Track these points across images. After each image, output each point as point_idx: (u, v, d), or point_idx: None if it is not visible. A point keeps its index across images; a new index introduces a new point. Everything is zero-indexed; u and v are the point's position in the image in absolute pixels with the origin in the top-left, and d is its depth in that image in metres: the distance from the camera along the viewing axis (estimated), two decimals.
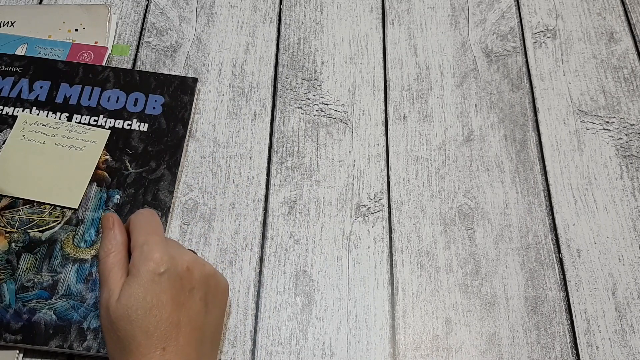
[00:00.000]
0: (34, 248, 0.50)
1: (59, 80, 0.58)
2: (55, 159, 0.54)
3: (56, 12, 0.64)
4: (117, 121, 0.57)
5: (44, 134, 0.55)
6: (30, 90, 0.58)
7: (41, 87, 0.58)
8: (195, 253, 0.47)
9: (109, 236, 0.43)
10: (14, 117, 0.56)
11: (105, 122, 0.57)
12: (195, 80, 0.60)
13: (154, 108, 0.58)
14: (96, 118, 0.57)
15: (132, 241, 0.43)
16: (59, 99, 0.57)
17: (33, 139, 0.55)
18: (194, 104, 0.59)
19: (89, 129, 0.56)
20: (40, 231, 0.51)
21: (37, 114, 0.56)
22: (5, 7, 0.65)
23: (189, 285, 0.41)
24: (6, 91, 0.57)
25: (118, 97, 0.58)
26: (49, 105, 0.57)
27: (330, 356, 0.48)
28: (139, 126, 0.57)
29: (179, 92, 0.59)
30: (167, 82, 0.59)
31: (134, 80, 0.59)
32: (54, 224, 0.51)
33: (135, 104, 0.58)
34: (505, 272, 0.52)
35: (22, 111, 0.56)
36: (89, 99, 0.58)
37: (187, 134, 0.57)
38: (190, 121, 0.58)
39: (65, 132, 0.55)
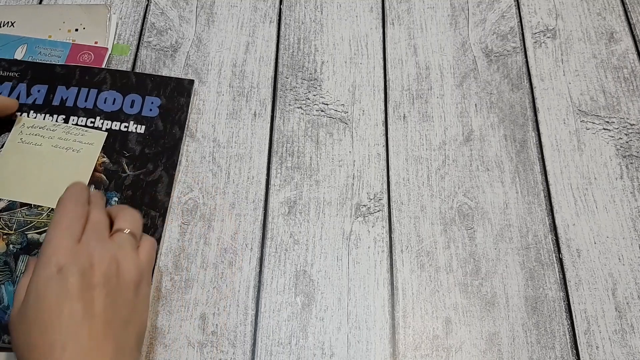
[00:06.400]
0: (32, 250, 0.50)
1: (55, 83, 0.58)
2: (53, 162, 0.54)
3: (56, 12, 0.64)
4: (114, 123, 0.57)
5: (41, 136, 0.55)
6: (28, 94, 0.58)
7: (39, 91, 0.58)
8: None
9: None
10: (13, 122, 0.56)
11: (102, 123, 0.57)
12: (191, 82, 0.60)
13: (150, 110, 0.58)
14: (93, 120, 0.57)
15: None
16: (55, 101, 0.57)
17: (30, 141, 0.55)
18: (190, 105, 0.59)
19: (86, 131, 0.56)
20: (38, 233, 0.51)
21: (35, 117, 0.56)
22: (5, 7, 0.65)
23: (91, 282, 0.40)
24: (4, 96, 0.57)
25: (114, 99, 0.58)
26: (46, 108, 0.57)
27: (330, 356, 0.48)
28: (135, 128, 0.57)
29: (176, 93, 0.59)
30: (164, 84, 0.59)
31: (130, 82, 0.59)
32: None
33: (131, 106, 0.58)
34: (505, 272, 0.52)
35: (20, 115, 0.56)
36: (86, 101, 0.58)
37: (184, 135, 0.57)
38: (186, 123, 0.58)
39: (62, 134, 0.55)
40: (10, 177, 0.53)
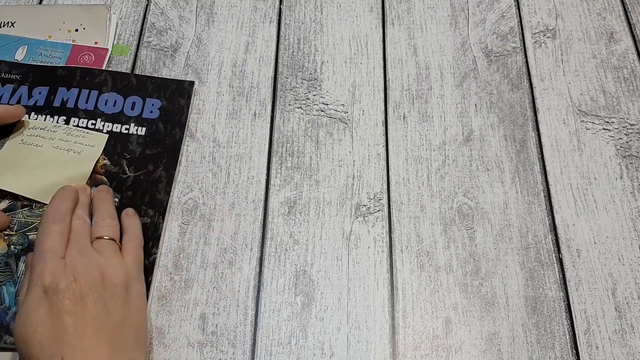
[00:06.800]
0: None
1: (56, 85, 0.58)
2: (54, 163, 0.54)
3: (56, 12, 0.64)
4: (115, 125, 0.57)
5: (42, 137, 0.55)
6: (30, 96, 0.58)
7: (40, 93, 0.58)
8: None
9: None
10: (14, 124, 0.56)
11: (103, 125, 0.57)
12: (191, 83, 0.60)
13: (151, 112, 0.58)
14: (94, 121, 0.57)
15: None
16: (56, 103, 0.57)
17: (32, 142, 0.55)
18: (190, 107, 0.59)
19: (87, 133, 0.56)
20: None
21: (36, 119, 0.56)
22: (5, 7, 0.65)
23: (78, 293, 0.42)
24: (6, 98, 0.57)
25: (115, 101, 0.58)
26: (47, 109, 0.57)
27: (330, 356, 0.48)
28: (136, 130, 0.57)
29: (176, 95, 0.59)
30: (164, 86, 0.59)
31: (131, 83, 0.59)
32: None
33: (132, 108, 0.58)
34: (505, 272, 0.52)
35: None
36: (87, 102, 0.58)
37: (185, 137, 0.57)
38: (187, 124, 0.58)
39: (63, 136, 0.55)
40: (10, 172, 0.53)
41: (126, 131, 0.56)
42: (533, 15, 0.67)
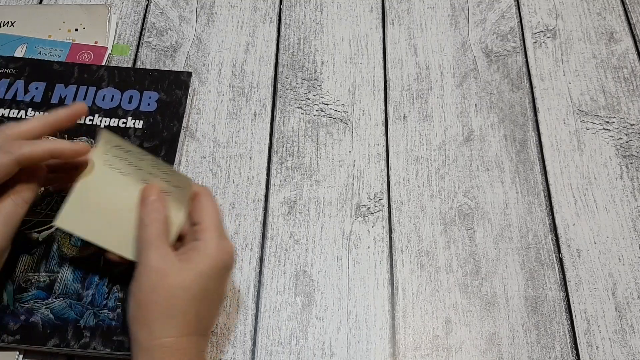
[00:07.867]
0: (32, 249, 0.50)
1: (54, 81, 0.58)
2: (136, 203, 0.45)
3: (56, 12, 0.64)
4: (112, 120, 0.57)
5: (128, 163, 0.46)
6: (26, 91, 0.57)
7: (36, 89, 0.58)
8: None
9: (154, 205, 0.44)
10: (10, 119, 0.56)
11: (101, 121, 0.56)
12: (189, 74, 0.60)
13: (148, 105, 0.57)
14: (92, 117, 0.57)
15: (202, 223, 0.44)
16: (54, 100, 0.57)
17: (117, 167, 0.46)
18: (188, 98, 0.59)
19: (172, 172, 0.46)
20: (37, 232, 0.51)
21: (33, 115, 0.56)
22: (5, 7, 0.65)
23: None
24: (1, 93, 0.57)
25: (113, 96, 0.58)
26: (44, 106, 0.57)
27: (330, 356, 0.48)
28: (134, 123, 0.56)
29: (173, 87, 0.59)
30: (161, 78, 0.59)
31: (128, 77, 0.59)
32: (52, 224, 0.51)
33: (130, 102, 0.57)
34: (505, 272, 0.52)
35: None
36: (84, 99, 0.57)
37: (183, 128, 0.57)
38: (184, 116, 0.58)
39: (150, 168, 0.46)
40: (87, 211, 0.45)
41: (123, 125, 0.56)
42: (533, 15, 0.67)
